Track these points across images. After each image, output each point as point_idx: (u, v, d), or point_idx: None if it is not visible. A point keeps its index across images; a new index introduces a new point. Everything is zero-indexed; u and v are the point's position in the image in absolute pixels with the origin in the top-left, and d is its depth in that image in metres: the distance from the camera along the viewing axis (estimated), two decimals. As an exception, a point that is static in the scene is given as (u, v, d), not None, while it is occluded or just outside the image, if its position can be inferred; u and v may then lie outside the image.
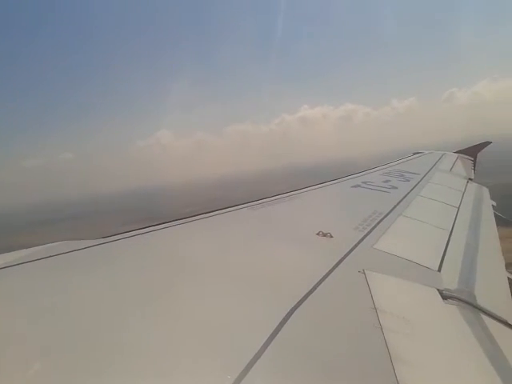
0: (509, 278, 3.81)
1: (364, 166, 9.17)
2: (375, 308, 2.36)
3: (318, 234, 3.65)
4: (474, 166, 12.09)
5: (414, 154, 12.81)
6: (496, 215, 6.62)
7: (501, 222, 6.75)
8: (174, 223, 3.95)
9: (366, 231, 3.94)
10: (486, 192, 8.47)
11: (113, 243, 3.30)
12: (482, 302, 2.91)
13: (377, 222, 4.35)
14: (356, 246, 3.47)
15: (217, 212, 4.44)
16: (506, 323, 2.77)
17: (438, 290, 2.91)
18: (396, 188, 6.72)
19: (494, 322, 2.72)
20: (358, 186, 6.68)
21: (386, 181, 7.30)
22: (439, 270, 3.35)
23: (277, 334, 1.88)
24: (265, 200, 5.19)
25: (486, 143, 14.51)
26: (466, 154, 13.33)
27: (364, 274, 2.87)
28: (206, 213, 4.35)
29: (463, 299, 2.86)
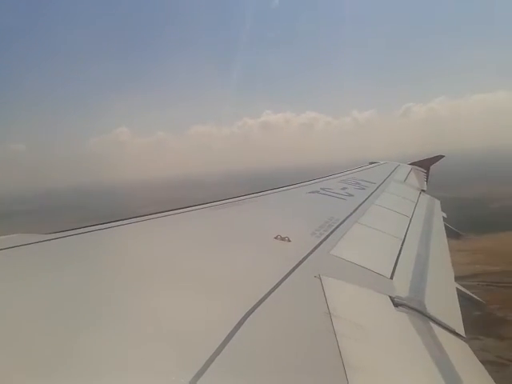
0: (457, 289, 3.96)
1: (324, 173, 9.35)
2: (329, 313, 2.38)
3: (276, 237, 3.65)
4: (427, 178, 12.54)
5: (371, 163, 13.14)
6: (446, 227, 6.88)
7: (451, 234, 7.03)
8: (130, 221, 3.85)
9: (322, 237, 3.98)
10: (437, 204, 8.80)
11: (66, 238, 3.18)
12: (431, 310, 3.00)
13: (333, 228, 4.41)
14: (313, 251, 3.50)
15: (175, 211, 4.37)
16: (454, 332, 2.87)
17: (390, 297, 2.97)
18: (352, 196, 6.85)
19: (443, 330, 2.81)
20: (316, 191, 6.77)
21: (343, 188, 7.43)
22: (391, 277, 3.44)
23: (232, 337, 1.85)
24: (224, 201, 5.15)
25: (439, 157, 15.08)
26: (420, 167, 13.81)
27: (320, 279, 2.89)
28: (163, 212, 4.27)
29: (413, 307, 2.94)
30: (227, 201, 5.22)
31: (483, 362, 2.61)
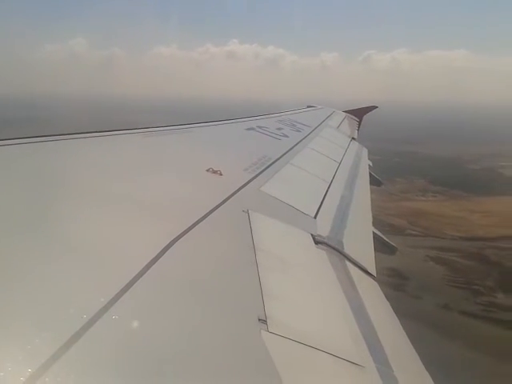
0: (373, 233, 4.24)
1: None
2: (254, 246, 2.47)
3: (208, 170, 3.64)
4: (359, 127, 12.93)
5: (308, 106, 13.25)
6: (370, 175, 7.23)
7: (374, 181, 7.42)
8: (63, 137, 3.61)
9: (255, 173, 4.03)
10: (365, 152, 9.15)
11: None
12: (348, 250, 3.21)
13: (266, 166, 4.47)
14: (244, 186, 3.55)
15: (106, 133, 4.17)
16: (365, 271, 3.10)
17: (312, 235, 3.13)
18: (287, 137, 6.93)
19: (356, 269, 3.03)
20: (253, 129, 6.75)
21: (279, 128, 7.46)
22: (315, 217, 3.60)
23: (155, 263, 1.87)
24: (162, 129, 5.01)
25: (373, 107, 15.51)
26: (353, 115, 14.14)
27: (248, 213, 2.96)
28: (94, 132, 4.05)
29: (332, 246, 3.13)
30: (165, 128, 5.09)
31: None
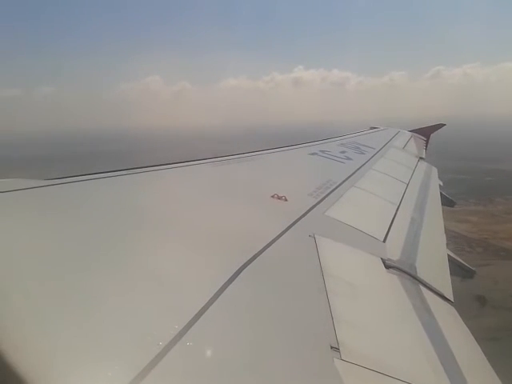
0: (448, 255, 4.04)
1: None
2: (322, 271, 2.44)
3: (273, 196, 3.68)
4: (426, 146, 12.51)
5: (371, 128, 13.06)
6: (442, 195, 6.94)
7: (445, 201, 7.11)
8: (131, 171, 3.82)
9: (319, 198, 4.01)
10: (434, 172, 8.82)
11: (66, 185, 3.16)
12: (421, 274, 3.08)
13: (330, 190, 4.43)
14: (309, 211, 3.54)
15: (176, 165, 4.36)
16: (442, 296, 2.95)
17: (382, 259, 3.04)
18: (351, 159, 6.86)
19: (431, 293, 2.89)
20: (316, 153, 6.76)
21: (343, 151, 7.42)
22: (384, 240, 3.50)
23: (224, 290, 1.90)
24: (226, 158, 5.15)
25: (440, 125, 14.97)
26: (420, 134, 13.73)
27: (314, 238, 2.94)
28: (164, 164, 4.26)
29: (404, 270, 3.01)
30: (229, 157, 5.23)
31: None
